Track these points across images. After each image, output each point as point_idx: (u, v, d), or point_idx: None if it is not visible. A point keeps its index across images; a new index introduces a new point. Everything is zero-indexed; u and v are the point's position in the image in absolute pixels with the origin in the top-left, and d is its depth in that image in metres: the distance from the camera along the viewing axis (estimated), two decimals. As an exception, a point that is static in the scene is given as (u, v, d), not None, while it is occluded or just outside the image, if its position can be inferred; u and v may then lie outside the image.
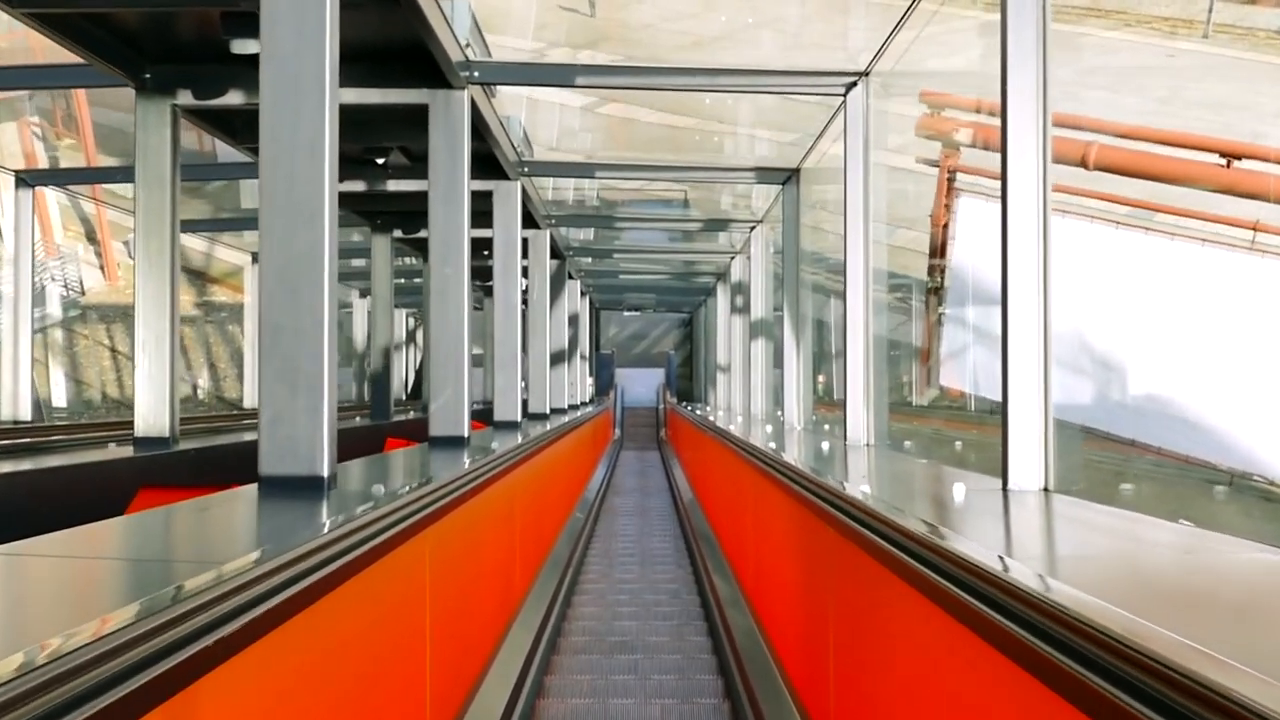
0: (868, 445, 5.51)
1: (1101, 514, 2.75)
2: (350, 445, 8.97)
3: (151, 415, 5.53)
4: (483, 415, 8.98)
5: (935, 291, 13.87)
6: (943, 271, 13.79)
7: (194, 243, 23.69)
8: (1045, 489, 3.08)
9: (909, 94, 10.14)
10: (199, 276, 24.77)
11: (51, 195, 24.34)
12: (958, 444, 7.41)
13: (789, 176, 7.93)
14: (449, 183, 5.51)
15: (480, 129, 6.49)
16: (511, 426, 7.85)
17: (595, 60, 15.58)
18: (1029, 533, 2.51)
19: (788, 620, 3.89)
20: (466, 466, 4.18)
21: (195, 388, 23.25)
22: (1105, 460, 9.99)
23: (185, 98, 5.61)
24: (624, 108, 16.37)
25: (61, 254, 22.27)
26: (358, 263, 14.16)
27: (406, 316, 24.30)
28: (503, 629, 4.68)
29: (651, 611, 6.74)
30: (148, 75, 5.55)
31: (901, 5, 4.99)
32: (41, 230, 24.25)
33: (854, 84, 5.57)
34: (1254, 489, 9.65)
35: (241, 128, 6.75)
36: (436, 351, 5.51)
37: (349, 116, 6.67)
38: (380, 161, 7.30)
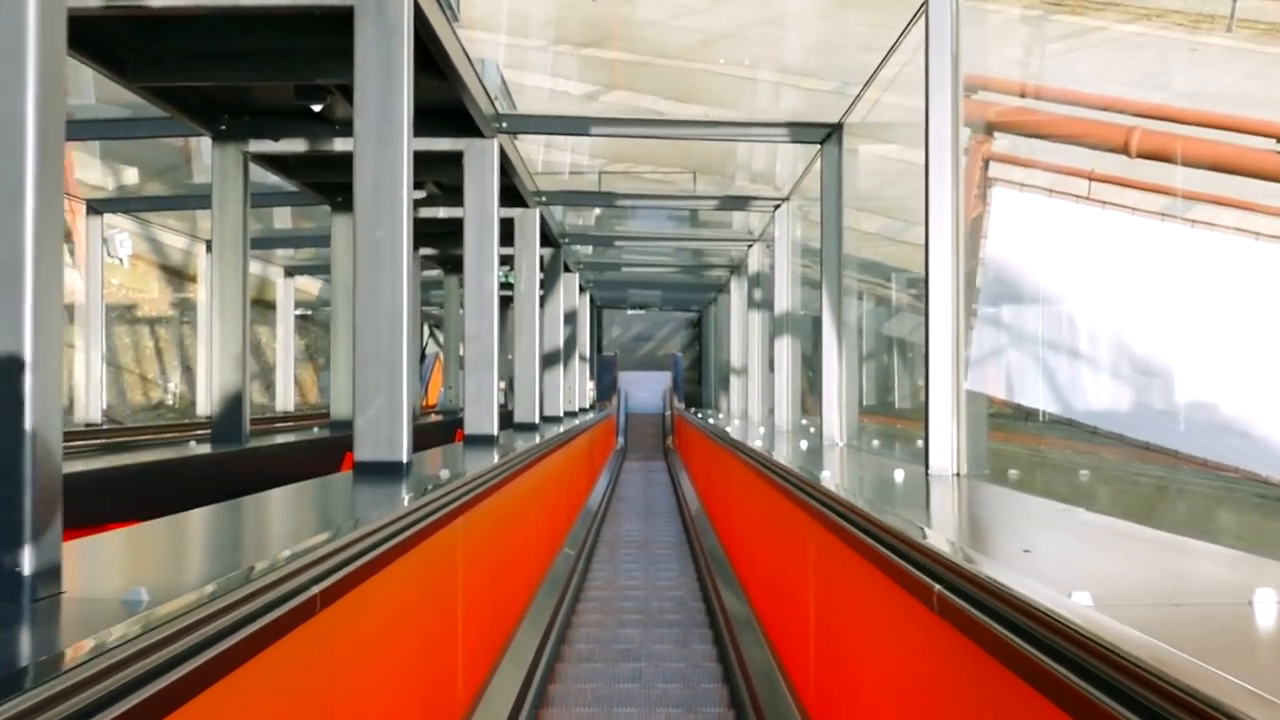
0: (957, 475, 4.02)
1: None
2: (303, 461, 7.50)
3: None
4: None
5: (966, 289, 12.42)
6: (974, 267, 12.40)
7: (175, 240, 22.24)
8: None
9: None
10: (176, 274, 23.29)
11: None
12: (1082, 474, 5.87)
13: (829, 134, 6.43)
14: (382, 107, 4.01)
15: (435, 57, 4.99)
16: (486, 441, 6.36)
17: (598, 55, 14.26)
18: None
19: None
20: (405, 505, 2.69)
21: (167, 392, 21.77)
22: (1147, 474, 8.69)
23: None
24: (629, 95, 14.99)
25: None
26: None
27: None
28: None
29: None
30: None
31: None
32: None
33: (939, -22, 4.06)
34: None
35: (126, 57, 5.22)
36: (363, 344, 4.00)
37: (256, 39, 5.18)
38: (317, 109, 5.80)
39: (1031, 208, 11.65)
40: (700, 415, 16.15)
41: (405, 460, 3.97)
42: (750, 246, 11.76)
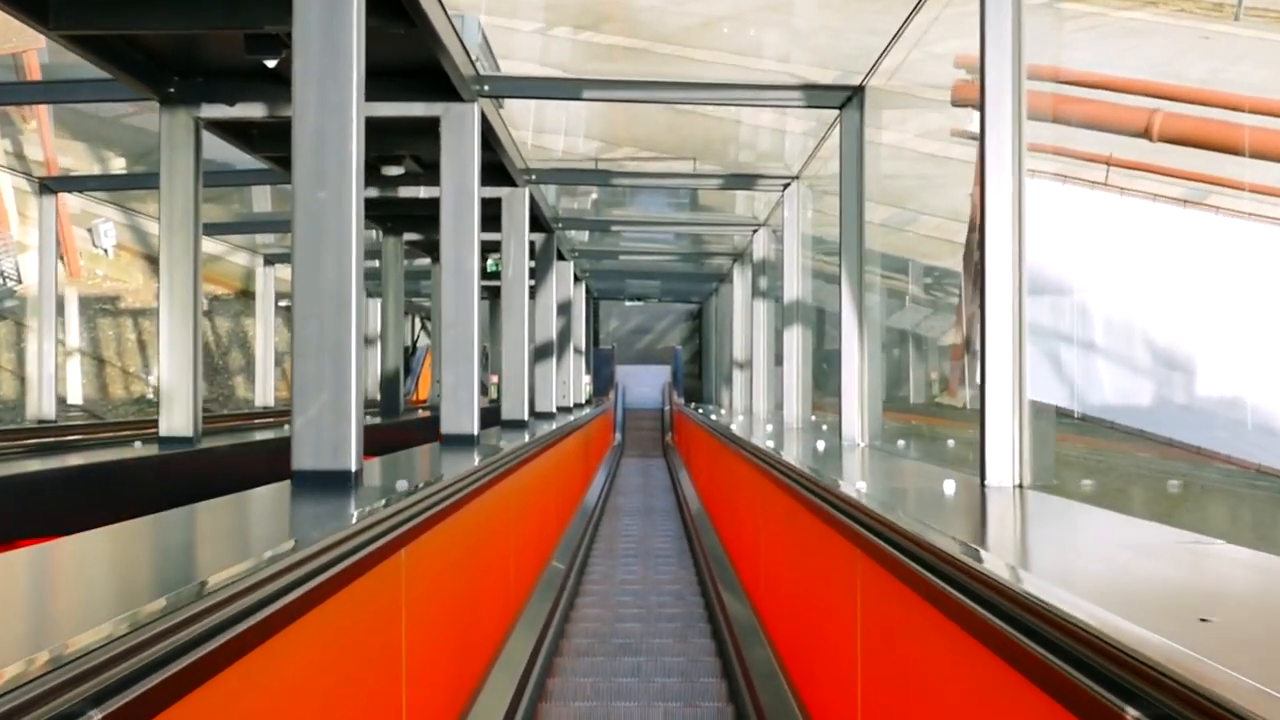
0: (1019, 487, 3.36)
1: None
2: (266, 462, 6.81)
3: None
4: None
5: (977, 279, 11.82)
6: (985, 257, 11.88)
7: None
8: None
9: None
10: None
11: (6, 179, 22.13)
12: (1171, 485, 5.20)
13: (849, 97, 5.75)
14: (325, 39, 3.33)
15: (405, 4, 4.31)
16: (464, 442, 5.68)
17: (594, 40, 13.61)
18: None
19: None
20: (313, 546, 2.02)
21: (149, 385, 21.10)
22: (1174, 473, 8.11)
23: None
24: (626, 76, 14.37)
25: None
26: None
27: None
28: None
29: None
30: None
31: None
32: (-6, 218, 22.05)
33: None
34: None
35: None
36: (302, 329, 3.32)
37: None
38: (271, 64, 5.10)
39: (1043, 195, 11.00)
40: (701, 411, 15.49)
41: (354, 469, 3.29)
42: (755, 232, 11.08)
